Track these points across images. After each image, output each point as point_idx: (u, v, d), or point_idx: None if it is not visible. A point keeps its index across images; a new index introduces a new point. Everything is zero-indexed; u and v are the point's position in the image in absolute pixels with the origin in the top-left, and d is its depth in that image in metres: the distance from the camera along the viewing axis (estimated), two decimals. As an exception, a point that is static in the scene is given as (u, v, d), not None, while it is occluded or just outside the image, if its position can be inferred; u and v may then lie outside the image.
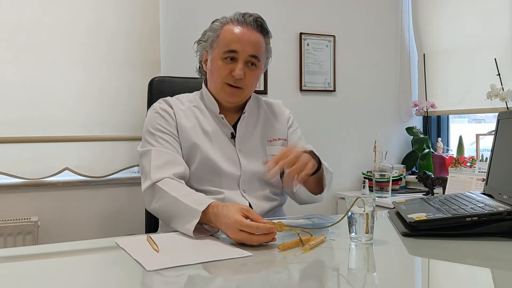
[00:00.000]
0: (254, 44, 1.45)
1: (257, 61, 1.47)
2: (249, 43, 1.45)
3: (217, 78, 1.47)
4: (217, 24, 1.49)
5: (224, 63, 1.45)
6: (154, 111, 1.50)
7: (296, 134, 1.63)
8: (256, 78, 1.50)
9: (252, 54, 1.45)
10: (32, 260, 1.07)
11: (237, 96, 1.49)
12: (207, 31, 1.52)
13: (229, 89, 1.46)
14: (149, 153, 1.41)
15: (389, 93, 3.08)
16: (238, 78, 1.43)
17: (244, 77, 1.44)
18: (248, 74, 1.45)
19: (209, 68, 1.51)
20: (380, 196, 2.56)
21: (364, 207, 1.09)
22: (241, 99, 1.51)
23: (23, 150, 2.15)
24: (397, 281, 0.91)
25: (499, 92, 2.42)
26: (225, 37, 1.46)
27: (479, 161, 2.37)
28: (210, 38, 1.49)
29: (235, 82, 1.45)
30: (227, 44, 1.44)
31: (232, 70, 1.44)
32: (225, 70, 1.45)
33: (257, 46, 1.46)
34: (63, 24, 2.22)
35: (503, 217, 1.11)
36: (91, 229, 2.28)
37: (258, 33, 1.48)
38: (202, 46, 1.53)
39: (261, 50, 1.48)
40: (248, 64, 1.45)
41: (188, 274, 0.92)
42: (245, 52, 1.44)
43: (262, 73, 1.58)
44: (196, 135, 1.47)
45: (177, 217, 1.23)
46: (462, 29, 2.80)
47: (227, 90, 1.47)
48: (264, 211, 1.47)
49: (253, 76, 1.48)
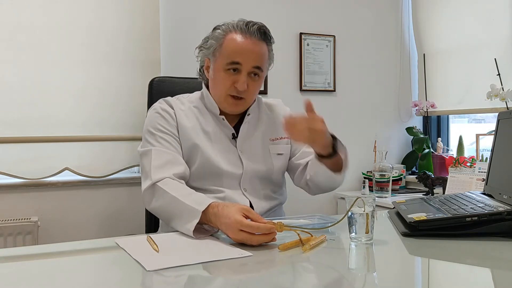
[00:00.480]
0: (257, 55, 1.44)
1: (260, 71, 1.46)
2: (253, 54, 1.43)
3: (220, 89, 1.46)
4: (219, 32, 1.46)
5: (227, 74, 1.43)
6: (154, 111, 1.50)
7: None
8: (258, 87, 1.50)
9: (256, 66, 1.44)
10: (32, 260, 1.07)
11: (240, 106, 1.49)
12: (209, 38, 1.49)
13: (232, 100, 1.46)
14: (150, 153, 1.41)
15: (389, 93, 3.08)
16: (241, 90, 1.43)
17: (247, 88, 1.43)
18: (251, 84, 1.44)
19: (211, 76, 1.49)
20: (380, 196, 2.56)
21: (364, 207, 1.09)
22: (243, 108, 1.51)
23: (23, 150, 2.15)
24: (397, 281, 0.91)
25: (499, 92, 2.42)
26: (228, 48, 1.43)
27: (479, 161, 2.37)
28: (212, 46, 1.47)
29: (238, 93, 1.44)
30: (230, 55, 1.42)
31: (235, 81, 1.42)
32: (228, 81, 1.43)
33: (260, 57, 1.44)
34: (63, 24, 2.22)
35: (503, 217, 1.11)
36: (91, 229, 2.28)
37: (262, 41, 1.45)
38: (204, 53, 1.51)
39: (264, 60, 1.46)
40: (251, 75, 1.44)
41: (188, 274, 0.92)
42: (249, 64, 1.42)
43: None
44: (196, 136, 1.47)
45: (177, 217, 1.24)
46: (462, 29, 2.80)
47: (229, 101, 1.46)
48: (264, 210, 1.47)
49: (256, 86, 1.48)
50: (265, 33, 1.46)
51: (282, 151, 1.56)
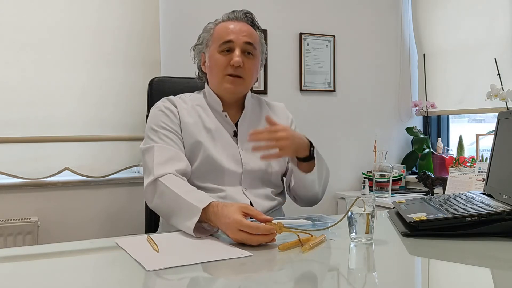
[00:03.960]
0: (247, 32, 1.50)
1: (253, 49, 1.50)
2: (243, 32, 1.49)
3: (217, 71, 1.49)
4: (209, 26, 1.55)
5: (221, 55, 1.48)
6: (157, 109, 1.51)
7: None
8: (255, 67, 1.53)
9: (247, 41, 1.48)
10: (32, 260, 1.07)
11: (239, 85, 1.50)
12: (201, 34, 1.57)
13: (231, 79, 1.48)
14: (152, 150, 1.42)
15: (389, 93, 3.08)
16: (237, 66, 1.46)
17: (243, 65, 1.47)
18: (246, 62, 1.48)
19: (207, 65, 1.53)
20: (380, 196, 2.56)
21: (364, 207, 1.09)
22: (243, 88, 1.52)
23: (23, 150, 2.15)
24: (397, 281, 0.91)
25: (499, 92, 2.42)
26: (219, 33, 1.50)
27: (479, 161, 2.37)
28: (205, 39, 1.54)
29: (235, 71, 1.47)
30: (222, 37, 1.49)
31: (231, 59, 1.47)
32: (224, 61, 1.48)
33: (250, 34, 1.51)
34: (64, 24, 2.22)
35: (503, 217, 1.11)
36: (91, 229, 2.28)
37: (249, 24, 1.53)
38: (199, 49, 1.57)
39: (255, 38, 1.52)
40: (245, 53, 1.49)
41: (188, 274, 0.92)
42: (240, 40, 1.48)
43: (261, 68, 1.60)
44: (199, 133, 1.48)
45: (178, 214, 1.24)
46: (462, 29, 2.80)
47: (229, 80, 1.49)
48: (264, 210, 1.47)
49: (252, 65, 1.50)
50: (252, 18, 1.54)
51: None
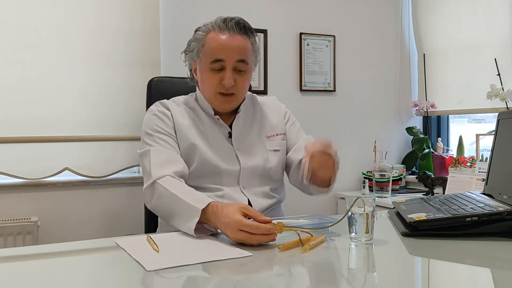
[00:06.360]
0: (239, 49, 1.44)
1: (245, 65, 1.46)
2: (234, 49, 1.43)
3: (208, 88, 1.47)
4: (200, 34, 1.48)
5: (212, 73, 1.45)
6: (151, 114, 1.51)
7: (295, 127, 1.64)
8: (247, 81, 1.50)
9: (239, 59, 1.44)
10: (32, 260, 1.07)
11: (231, 103, 1.49)
12: (192, 41, 1.51)
13: (222, 98, 1.47)
14: (148, 153, 1.42)
15: (389, 93, 3.08)
16: (228, 86, 1.43)
17: (235, 83, 1.44)
18: (238, 79, 1.45)
19: (199, 78, 1.51)
20: (380, 196, 2.56)
21: (364, 207, 1.09)
22: (235, 104, 1.51)
23: (23, 150, 2.15)
24: (397, 281, 0.91)
25: (499, 92, 2.42)
26: (210, 47, 1.44)
27: (479, 161, 2.37)
28: (195, 48, 1.49)
29: (227, 90, 1.45)
30: (213, 53, 1.43)
31: (222, 79, 1.43)
32: (215, 80, 1.44)
33: (243, 50, 1.45)
34: (63, 24, 2.22)
35: (503, 217, 1.11)
36: (91, 229, 2.28)
37: (242, 36, 1.45)
38: (190, 56, 1.53)
39: (248, 53, 1.46)
40: (236, 70, 1.45)
41: (188, 274, 0.92)
42: (232, 59, 1.43)
43: (255, 68, 1.57)
44: (193, 136, 1.48)
45: (177, 215, 1.24)
46: (462, 29, 2.80)
47: (220, 99, 1.47)
48: (263, 208, 1.47)
49: (244, 81, 1.48)
50: (244, 26, 1.46)
51: (279, 147, 1.57)
